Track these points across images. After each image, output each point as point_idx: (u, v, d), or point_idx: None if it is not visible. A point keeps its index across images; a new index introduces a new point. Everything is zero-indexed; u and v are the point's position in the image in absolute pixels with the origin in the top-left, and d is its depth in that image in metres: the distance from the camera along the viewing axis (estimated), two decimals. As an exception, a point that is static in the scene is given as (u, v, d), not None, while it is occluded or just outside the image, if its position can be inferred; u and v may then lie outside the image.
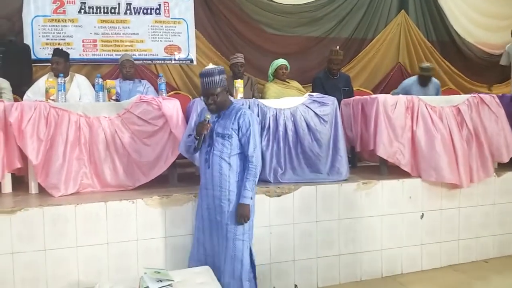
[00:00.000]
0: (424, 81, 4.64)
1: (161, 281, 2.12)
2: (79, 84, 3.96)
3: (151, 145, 3.25)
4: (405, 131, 3.53)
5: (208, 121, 2.50)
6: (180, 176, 3.54)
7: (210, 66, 2.54)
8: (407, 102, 3.57)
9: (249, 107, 3.20)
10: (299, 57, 5.44)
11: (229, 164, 2.47)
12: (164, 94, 3.75)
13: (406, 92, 4.39)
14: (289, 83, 4.43)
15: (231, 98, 2.83)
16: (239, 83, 3.63)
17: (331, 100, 3.44)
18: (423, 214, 3.47)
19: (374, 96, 3.72)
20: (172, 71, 5.14)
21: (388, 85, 5.81)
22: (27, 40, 4.64)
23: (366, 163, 4.30)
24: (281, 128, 3.31)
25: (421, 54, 5.99)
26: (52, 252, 2.65)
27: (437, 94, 4.64)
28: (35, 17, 4.68)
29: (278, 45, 5.40)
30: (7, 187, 3.15)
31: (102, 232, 2.75)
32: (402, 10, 5.98)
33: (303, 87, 4.63)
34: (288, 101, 3.43)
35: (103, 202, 2.78)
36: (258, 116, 3.28)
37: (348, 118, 3.93)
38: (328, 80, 4.51)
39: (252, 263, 2.57)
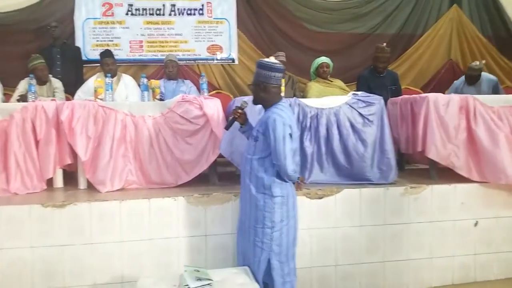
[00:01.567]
0: (471, 81, 4.38)
1: (200, 279, 2.13)
2: (126, 84, 4.10)
3: (193, 144, 3.29)
4: (459, 132, 3.32)
5: (241, 107, 2.48)
6: (220, 175, 3.57)
7: (271, 59, 2.41)
8: (460, 101, 3.35)
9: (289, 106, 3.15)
10: (343, 55, 5.30)
11: (250, 167, 2.39)
12: (206, 94, 3.79)
13: (458, 93, 4.15)
14: (331, 81, 4.33)
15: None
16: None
17: (377, 99, 3.33)
18: (477, 221, 3.25)
19: (424, 95, 3.54)
20: (214, 71, 5.20)
21: (438, 83, 5.52)
22: (78, 42, 4.87)
23: (414, 166, 4.12)
24: (322, 128, 3.24)
25: (475, 50, 5.64)
26: (98, 246, 2.76)
27: (494, 91, 4.33)
28: (86, 20, 4.90)
29: (320, 43, 5.31)
30: (59, 182, 3.32)
31: (145, 228, 2.82)
32: (455, 5, 5.66)
33: (346, 85, 4.50)
34: (331, 100, 3.35)
35: (147, 199, 2.85)
36: (299, 115, 3.24)
37: (395, 118, 3.77)
38: (374, 79, 4.36)
39: (273, 279, 2.39)
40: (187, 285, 2.09)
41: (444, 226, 3.20)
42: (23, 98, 3.59)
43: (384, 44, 4.48)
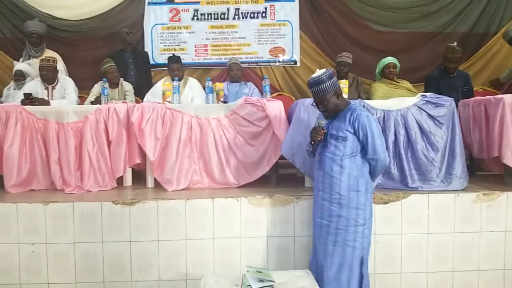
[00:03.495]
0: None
1: (262, 281, 2.13)
2: (192, 87, 4.23)
3: (255, 146, 3.32)
4: (540, 136, 3.04)
5: (323, 127, 2.45)
6: (281, 177, 3.56)
7: (317, 72, 2.44)
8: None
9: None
10: (410, 55, 5.07)
11: (341, 166, 2.38)
12: (268, 96, 3.80)
13: None
14: (398, 82, 4.16)
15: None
16: (343, 84, 3.49)
17: (448, 101, 3.14)
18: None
19: (499, 96, 3.29)
20: (276, 73, 5.20)
21: (514, 84, 5.10)
22: (147, 47, 5.11)
23: (487, 172, 3.83)
24: (389, 131, 3.12)
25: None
26: (164, 243, 2.86)
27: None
28: (154, 25, 5.13)
29: (386, 43, 5.11)
30: (128, 181, 3.49)
31: (208, 227, 2.88)
32: (534, 0, 5.20)
33: (413, 86, 4.30)
34: (398, 102, 3.22)
35: (211, 198, 2.91)
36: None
37: (467, 120, 3.54)
38: (443, 79, 4.12)
39: (362, 274, 2.44)
40: (249, 285, 2.09)
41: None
42: (96, 101, 3.83)
43: (455, 43, 4.22)
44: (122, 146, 3.35)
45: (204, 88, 3.89)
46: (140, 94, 4.32)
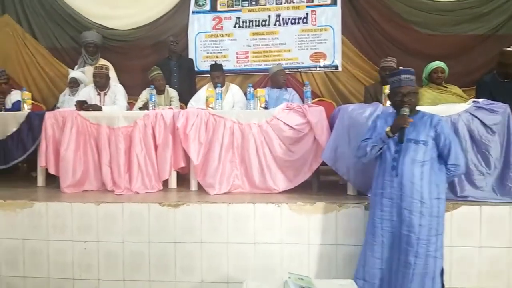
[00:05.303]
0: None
1: (304, 288, 2.12)
2: (233, 93, 4.31)
3: (296, 152, 3.33)
4: None
5: (407, 115, 2.38)
6: (323, 184, 3.54)
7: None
8: None
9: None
10: (459, 59, 4.86)
11: (421, 172, 2.32)
12: (309, 102, 3.80)
13: None
14: (447, 87, 4.00)
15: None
16: (388, 89, 3.43)
17: (503, 107, 3.00)
18: None
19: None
20: (317, 78, 5.17)
21: None
22: (191, 55, 5.26)
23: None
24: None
25: None
26: (207, 245, 2.93)
27: None
28: (198, 33, 5.28)
29: (433, 46, 4.93)
30: (173, 183, 3.61)
31: (250, 232, 2.91)
32: None
33: (463, 92, 4.12)
34: (447, 108, 3.10)
35: (252, 203, 2.95)
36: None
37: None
38: (497, 85, 3.90)
39: (443, 284, 2.40)
40: (291, 292, 2.10)
41: None
42: (144, 106, 4.00)
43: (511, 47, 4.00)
44: (168, 150, 3.48)
45: (245, 94, 3.95)
46: (183, 100, 4.45)
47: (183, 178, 3.71)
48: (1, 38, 5.39)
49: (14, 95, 4.40)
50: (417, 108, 2.48)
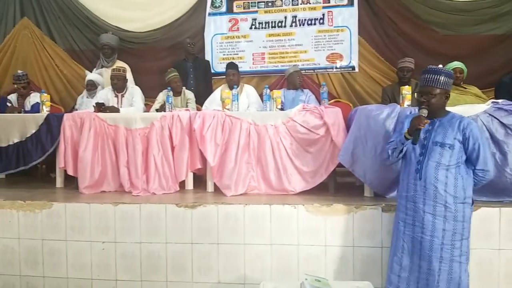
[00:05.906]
0: None
1: (322, 290, 2.11)
2: (248, 94, 4.32)
3: (313, 153, 3.32)
4: None
5: (425, 116, 2.34)
6: (339, 185, 3.51)
7: (440, 66, 2.38)
8: None
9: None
10: (477, 59, 4.77)
11: (446, 176, 2.25)
12: (326, 103, 3.78)
13: None
14: (465, 88, 3.95)
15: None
16: (406, 90, 3.41)
17: (522, 108, 2.93)
18: None
19: None
20: (333, 79, 5.14)
21: None
22: (207, 56, 5.29)
23: None
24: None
25: None
26: (223, 246, 2.93)
27: None
28: (214, 35, 5.30)
29: (452, 47, 4.86)
30: (190, 185, 3.63)
31: (266, 233, 2.91)
32: None
33: (483, 92, 4.06)
34: (466, 109, 3.04)
35: (268, 204, 2.95)
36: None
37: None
38: (517, 85, 3.85)
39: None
40: (309, 294, 2.08)
41: None
42: (161, 108, 4.03)
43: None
44: (184, 152, 3.50)
45: (261, 95, 3.95)
46: (199, 101, 4.47)
47: (199, 179, 3.73)
48: (20, 41, 5.50)
49: (33, 97, 4.48)
50: (448, 109, 2.42)
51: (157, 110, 4.08)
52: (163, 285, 2.97)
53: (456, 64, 3.98)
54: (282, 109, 3.75)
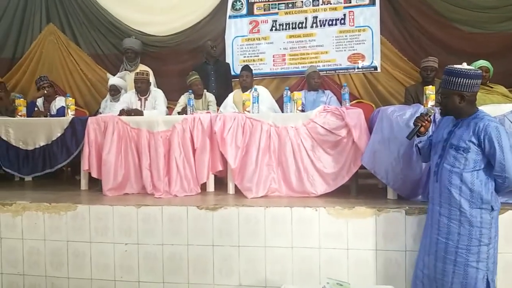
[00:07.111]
0: None
1: (344, 294, 2.08)
2: (259, 94, 4.28)
3: (334, 155, 3.29)
4: None
5: (429, 116, 2.34)
6: (361, 188, 3.46)
7: (463, 65, 2.24)
8: None
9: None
10: (504, 58, 4.62)
11: (461, 180, 2.18)
12: (347, 104, 3.74)
13: None
14: (492, 87, 3.84)
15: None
16: (430, 90, 3.33)
17: (551, 108, 2.82)
18: None
19: None
20: (355, 80, 5.08)
21: None
22: (228, 59, 5.31)
23: None
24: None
25: None
26: (244, 248, 2.93)
27: None
28: (234, 38, 5.33)
29: (477, 45, 4.72)
30: (211, 187, 3.65)
31: (287, 236, 2.89)
32: None
33: (510, 92, 3.93)
34: (493, 109, 2.94)
35: (289, 207, 2.92)
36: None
37: None
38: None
39: None
40: (331, 298, 2.06)
41: None
42: (183, 111, 4.07)
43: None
44: (205, 154, 3.52)
45: (282, 97, 3.93)
46: (220, 104, 4.48)
47: (220, 182, 3.75)
48: (46, 47, 5.66)
49: (59, 101, 4.60)
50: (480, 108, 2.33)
51: (179, 113, 4.12)
52: (185, 286, 2.99)
53: (482, 62, 3.87)
54: (303, 110, 3.73)
